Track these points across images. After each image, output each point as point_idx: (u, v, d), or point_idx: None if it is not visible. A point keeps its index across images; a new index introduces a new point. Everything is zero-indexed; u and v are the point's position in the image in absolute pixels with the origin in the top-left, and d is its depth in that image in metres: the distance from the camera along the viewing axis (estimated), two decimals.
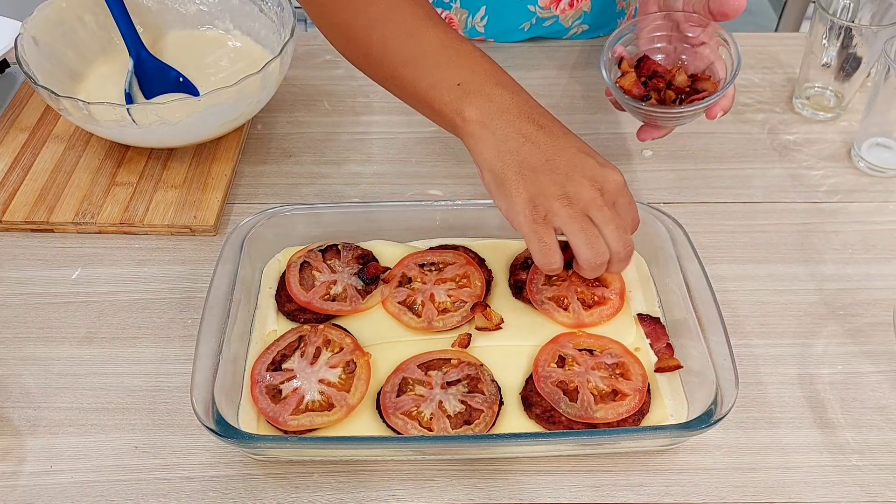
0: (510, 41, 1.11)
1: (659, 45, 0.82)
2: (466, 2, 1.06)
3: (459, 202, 0.82)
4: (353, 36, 0.70)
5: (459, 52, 0.66)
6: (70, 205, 0.87)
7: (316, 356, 0.72)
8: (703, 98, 0.77)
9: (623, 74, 0.80)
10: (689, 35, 0.79)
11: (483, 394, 0.70)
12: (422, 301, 0.77)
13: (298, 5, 0.79)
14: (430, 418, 0.68)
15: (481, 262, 0.81)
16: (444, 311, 0.76)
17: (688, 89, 0.79)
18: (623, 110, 0.82)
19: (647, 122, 0.80)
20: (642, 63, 0.80)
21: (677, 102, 0.79)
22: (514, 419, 0.69)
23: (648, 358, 0.74)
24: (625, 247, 0.66)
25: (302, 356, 0.72)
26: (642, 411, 0.69)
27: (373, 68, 0.71)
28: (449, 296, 0.77)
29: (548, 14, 1.07)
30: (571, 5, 1.06)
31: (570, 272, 0.79)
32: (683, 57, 0.81)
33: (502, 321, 0.75)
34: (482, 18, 1.08)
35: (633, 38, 0.82)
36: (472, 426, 0.68)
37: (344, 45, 0.73)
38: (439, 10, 1.08)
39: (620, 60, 0.81)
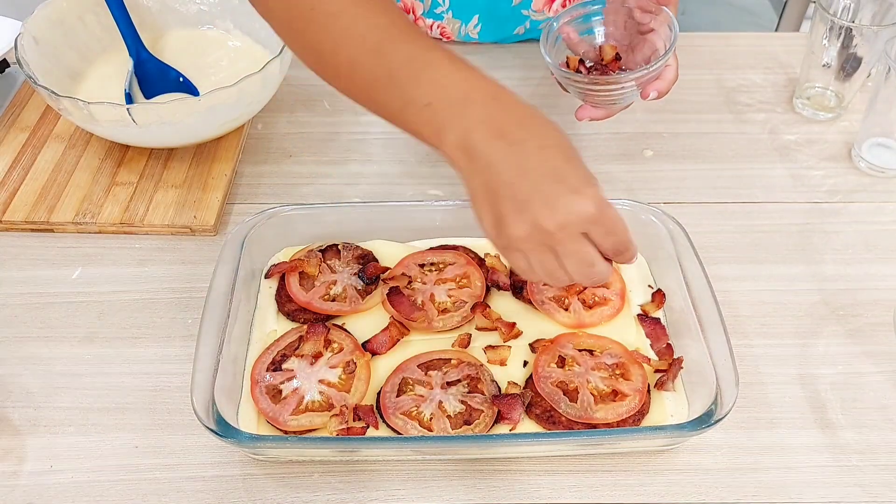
0: None
1: (610, 29, 0.81)
2: (459, 11, 1.05)
3: (459, 202, 0.82)
4: (321, 57, 0.66)
5: (427, 65, 0.62)
6: (70, 205, 0.87)
7: (316, 356, 0.72)
8: (635, 69, 0.76)
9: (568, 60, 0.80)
10: (640, 23, 0.79)
11: (483, 394, 0.70)
12: (422, 301, 0.77)
13: None
14: (430, 418, 0.68)
15: (481, 262, 0.81)
16: (445, 311, 0.76)
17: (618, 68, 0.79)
18: (567, 91, 0.81)
19: (586, 101, 0.79)
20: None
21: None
22: None
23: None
24: (589, 278, 0.61)
25: (302, 356, 0.72)
26: (642, 411, 0.69)
27: (347, 88, 0.67)
28: (449, 296, 0.77)
29: (541, 17, 1.06)
30: (564, 6, 1.06)
31: None
32: (627, 43, 0.81)
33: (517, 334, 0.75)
34: (475, 26, 1.07)
35: (582, 21, 0.81)
36: (471, 426, 0.68)
37: (314, 65, 0.68)
38: (430, 21, 1.06)
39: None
